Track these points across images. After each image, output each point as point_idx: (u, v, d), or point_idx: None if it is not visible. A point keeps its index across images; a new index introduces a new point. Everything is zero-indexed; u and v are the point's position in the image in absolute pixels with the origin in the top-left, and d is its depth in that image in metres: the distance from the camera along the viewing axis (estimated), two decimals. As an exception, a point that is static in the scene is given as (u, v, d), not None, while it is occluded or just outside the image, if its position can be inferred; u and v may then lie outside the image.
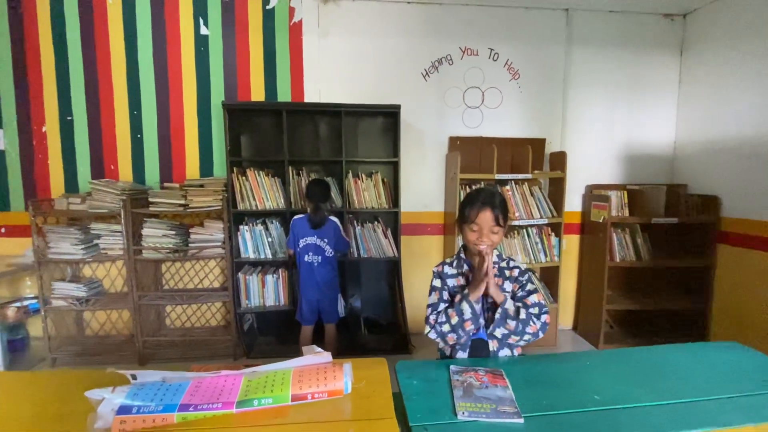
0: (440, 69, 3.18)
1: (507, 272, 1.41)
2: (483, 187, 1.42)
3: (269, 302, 2.93)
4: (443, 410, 1.00)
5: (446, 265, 1.44)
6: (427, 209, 3.30)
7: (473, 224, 1.32)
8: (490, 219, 1.30)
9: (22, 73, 2.91)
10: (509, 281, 1.39)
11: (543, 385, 1.12)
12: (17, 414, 0.96)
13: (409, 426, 0.94)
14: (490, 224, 1.30)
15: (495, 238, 1.32)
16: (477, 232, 1.32)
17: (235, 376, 1.03)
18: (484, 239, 1.31)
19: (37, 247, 2.72)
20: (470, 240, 1.34)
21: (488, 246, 1.32)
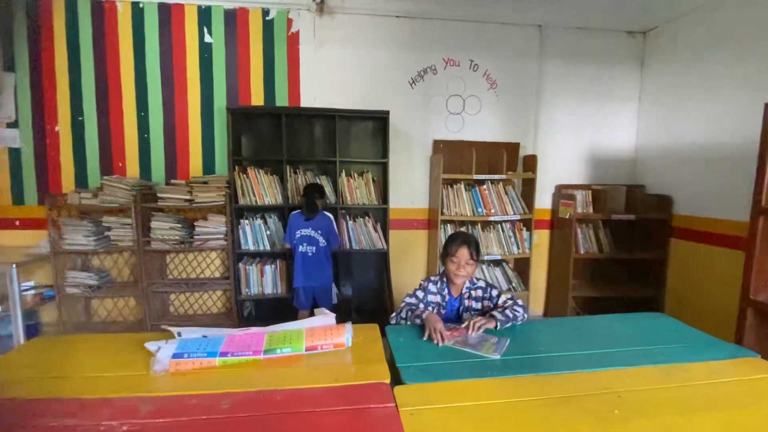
0: (425, 78, 3.48)
1: (473, 293, 1.79)
2: (461, 231, 1.83)
3: (267, 290, 3.19)
4: (425, 356, 1.31)
5: (431, 283, 1.81)
6: (414, 206, 3.60)
7: (453, 257, 1.70)
8: (466, 254, 1.69)
9: (37, 76, 3.10)
10: (475, 300, 1.79)
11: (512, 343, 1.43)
12: (92, 365, 1.22)
13: (396, 367, 1.24)
14: (466, 258, 1.69)
15: (469, 269, 1.72)
16: (456, 263, 1.70)
17: (259, 333, 1.32)
18: (461, 269, 1.70)
19: (52, 238, 2.94)
20: (451, 270, 1.73)
21: (464, 276, 1.72)
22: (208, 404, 1.00)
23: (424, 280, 1.83)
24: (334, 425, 0.93)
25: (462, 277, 1.72)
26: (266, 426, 0.93)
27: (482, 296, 1.79)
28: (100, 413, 0.95)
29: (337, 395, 1.05)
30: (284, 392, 1.06)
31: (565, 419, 0.96)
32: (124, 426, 0.91)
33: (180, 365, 1.17)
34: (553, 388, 1.10)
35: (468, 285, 1.79)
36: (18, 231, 3.18)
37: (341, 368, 1.20)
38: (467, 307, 1.78)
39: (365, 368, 1.20)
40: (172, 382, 1.11)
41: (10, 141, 3.14)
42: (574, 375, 1.18)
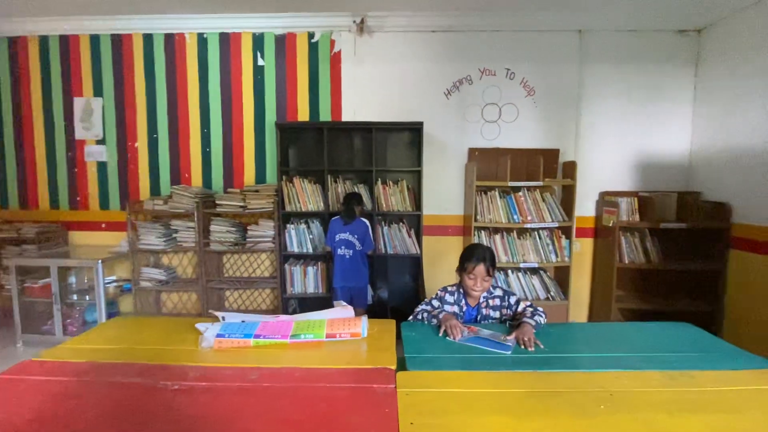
0: (461, 88, 3.58)
1: (490, 301, 1.85)
2: (477, 244, 1.88)
3: (310, 289, 3.45)
4: (431, 350, 1.42)
5: (448, 293, 1.89)
6: (448, 213, 3.69)
7: (471, 274, 1.77)
8: (483, 271, 1.75)
9: (120, 100, 3.66)
10: (492, 309, 1.84)
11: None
12: (154, 338, 1.50)
13: (404, 356, 1.37)
14: (483, 274, 1.76)
15: (486, 284, 1.79)
16: (473, 280, 1.78)
17: (288, 321, 1.52)
18: (477, 285, 1.77)
19: (130, 239, 3.43)
20: (468, 285, 1.80)
21: (481, 290, 1.78)
22: (241, 375, 1.20)
23: (441, 290, 1.90)
24: (340, 398, 1.09)
25: (478, 291, 1.79)
26: (283, 394, 1.10)
27: (500, 304, 1.83)
28: (158, 375, 1.19)
29: (347, 375, 1.21)
30: (303, 369, 1.24)
31: (548, 409, 1.03)
32: (176, 386, 1.14)
33: (222, 343, 1.39)
34: (546, 383, 1.16)
35: (485, 294, 1.84)
36: (103, 232, 3.75)
37: (354, 354, 1.36)
38: (485, 315, 1.84)
39: (375, 355, 1.34)
40: (215, 356, 1.34)
41: (99, 156, 3.72)
42: (571, 373, 1.23)
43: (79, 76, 3.67)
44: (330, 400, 1.08)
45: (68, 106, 3.69)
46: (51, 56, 3.67)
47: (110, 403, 1.05)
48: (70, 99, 3.69)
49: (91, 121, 3.68)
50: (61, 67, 3.67)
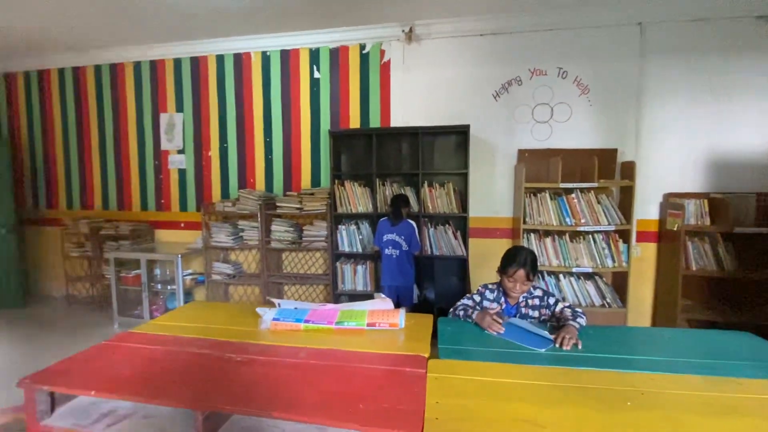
0: (510, 89, 3.56)
1: (530, 301, 1.87)
2: (519, 247, 1.90)
3: (359, 287, 3.63)
4: (464, 342, 1.50)
5: (488, 290, 1.95)
6: (497, 215, 3.67)
7: (511, 278, 1.82)
8: (523, 275, 1.79)
9: (197, 115, 4.15)
10: (532, 309, 1.86)
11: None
12: (222, 320, 1.74)
13: (438, 347, 1.46)
14: (523, 279, 1.80)
15: (525, 287, 1.83)
16: (513, 283, 1.82)
17: (334, 309, 1.68)
18: (517, 288, 1.81)
19: (204, 237, 3.87)
20: (508, 287, 1.85)
21: (520, 293, 1.83)
22: (292, 352, 1.38)
23: (482, 286, 1.96)
24: (375, 377, 1.21)
25: (517, 294, 1.83)
26: (326, 371, 1.26)
27: (539, 304, 1.85)
28: (225, 348, 1.41)
29: (383, 359, 1.33)
30: (345, 351, 1.39)
31: (572, 401, 1.06)
32: (239, 357, 1.34)
33: (277, 326, 1.59)
34: (574, 378, 1.19)
35: (525, 294, 1.86)
36: (182, 231, 4.26)
37: (391, 341, 1.48)
38: (524, 314, 1.87)
39: (410, 344, 1.45)
40: (271, 336, 1.54)
41: (179, 164, 4.24)
42: (602, 371, 1.24)
43: (164, 94, 4.23)
44: (366, 378, 1.21)
45: (155, 121, 4.27)
46: (143, 79, 4.27)
47: (188, 367, 1.28)
48: (156, 115, 4.26)
49: (174, 133, 4.22)
50: (150, 88, 4.26)
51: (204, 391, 1.13)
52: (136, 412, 1.23)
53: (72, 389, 1.15)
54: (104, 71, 4.37)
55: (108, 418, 1.19)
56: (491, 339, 1.53)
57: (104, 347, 1.44)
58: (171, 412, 1.22)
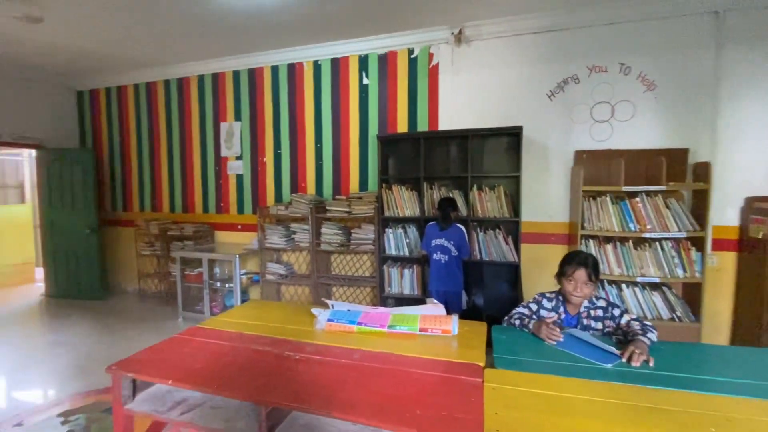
0: (566, 88, 3.40)
1: (592, 312, 1.76)
2: (579, 250, 1.80)
3: (406, 291, 3.63)
4: (521, 352, 1.45)
5: (545, 299, 1.85)
6: (551, 219, 3.51)
7: (570, 278, 1.72)
8: (584, 275, 1.69)
9: (254, 123, 4.39)
10: (594, 320, 1.74)
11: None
12: (279, 318, 1.82)
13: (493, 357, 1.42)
14: (584, 279, 1.69)
15: (587, 290, 1.71)
16: (573, 284, 1.72)
17: (386, 313, 1.70)
18: (578, 290, 1.71)
19: (259, 238, 4.06)
20: (568, 290, 1.75)
21: (581, 296, 1.71)
22: (346, 353, 1.41)
23: (539, 294, 1.87)
24: (429, 383, 1.21)
25: (579, 297, 1.72)
26: (380, 373, 1.27)
27: (603, 316, 1.74)
28: (283, 346, 1.47)
29: (437, 365, 1.32)
30: (398, 356, 1.39)
31: (646, 423, 0.98)
32: (297, 356, 1.39)
33: (332, 326, 1.63)
34: (648, 398, 1.10)
35: (587, 304, 1.76)
36: (239, 232, 4.51)
37: (445, 348, 1.46)
38: (585, 326, 1.76)
39: (464, 351, 1.42)
40: (325, 336, 1.58)
41: (237, 169, 4.50)
42: (681, 392, 1.14)
43: (224, 105, 4.52)
44: (420, 383, 1.21)
45: (216, 129, 4.57)
46: (205, 90, 4.60)
47: (251, 363, 1.35)
48: (217, 124, 4.56)
49: (232, 141, 4.49)
50: (212, 99, 4.57)
51: (266, 387, 1.19)
52: (205, 402, 1.31)
53: (152, 378, 1.26)
54: (172, 85, 4.76)
55: (181, 407, 1.29)
56: (550, 350, 1.46)
57: (177, 340, 1.56)
58: (236, 405, 1.29)
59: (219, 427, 1.21)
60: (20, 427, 2.26)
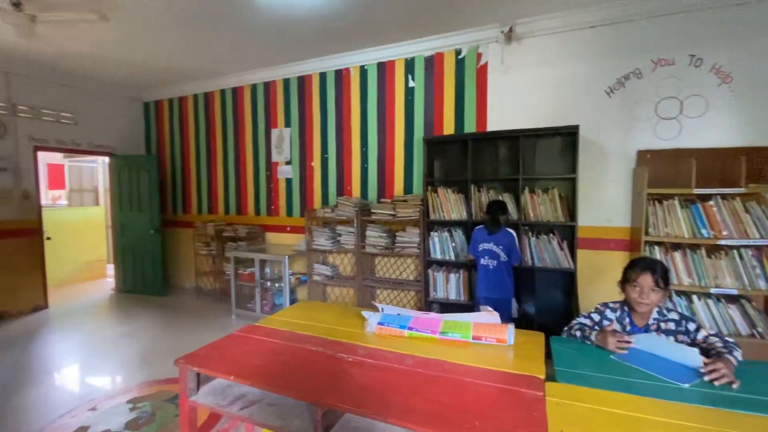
0: (627, 84, 3.18)
1: (662, 324, 1.61)
2: (645, 256, 1.66)
3: (452, 296, 3.56)
4: (584, 365, 1.36)
5: (609, 309, 1.71)
6: (611, 224, 3.29)
7: (635, 283, 1.58)
8: (650, 281, 1.55)
9: (302, 129, 4.52)
10: (665, 334, 1.59)
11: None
12: (330, 320, 1.84)
13: (554, 369, 1.35)
14: (650, 284, 1.55)
15: (654, 297, 1.56)
16: (638, 290, 1.57)
17: (437, 318, 1.66)
18: (644, 297, 1.56)
19: (307, 240, 4.17)
20: (632, 297, 1.60)
21: (648, 304, 1.56)
22: (399, 358, 1.39)
23: (602, 304, 1.75)
24: (486, 394, 1.16)
25: (645, 305, 1.57)
26: (434, 380, 1.24)
27: (675, 329, 1.58)
28: (335, 348, 1.48)
29: (493, 375, 1.27)
30: (452, 363, 1.35)
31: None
32: (350, 358, 1.40)
33: (382, 330, 1.63)
34: (731, 424, 0.98)
35: (656, 315, 1.61)
36: (288, 234, 4.66)
37: (500, 358, 1.40)
38: None
39: (522, 362, 1.36)
40: (376, 340, 1.57)
41: (287, 174, 4.66)
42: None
43: (275, 111, 4.70)
44: (477, 394, 1.16)
45: (268, 136, 4.77)
46: (258, 98, 4.81)
47: (305, 363, 1.38)
48: (269, 130, 4.76)
49: (282, 146, 4.66)
50: (264, 106, 4.77)
51: (321, 388, 1.20)
52: (262, 399, 1.35)
53: (215, 373, 1.32)
54: (227, 94, 5.03)
55: (240, 402, 1.34)
56: (617, 365, 1.36)
57: (235, 337, 1.62)
58: (291, 403, 1.32)
59: (275, 424, 1.24)
60: (94, 411, 2.47)
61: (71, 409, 2.49)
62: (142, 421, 2.34)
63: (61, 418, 2.39)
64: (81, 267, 6.09)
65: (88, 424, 2.32)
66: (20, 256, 4.43)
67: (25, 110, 4.48)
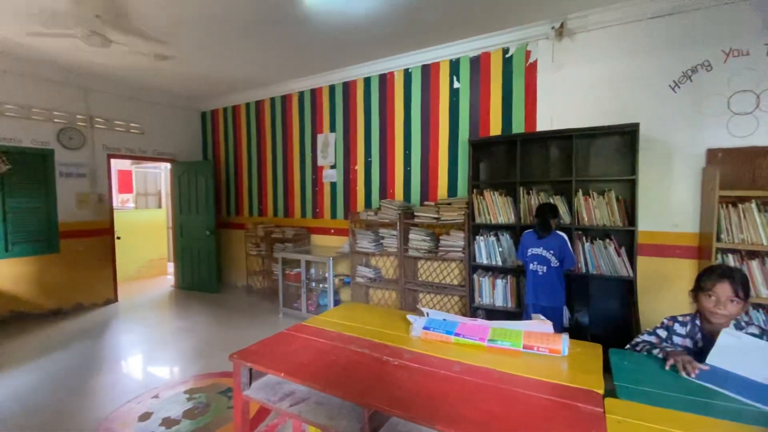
0: (694, 78, 2.92)
1: None
2: (722, 264, 1.48)
3: (498, 302, 3.44)
4: (649, 382, 1.25)
5: (678, 324, 1.55)
6: (677, 229, 3.04)
7: (710, 292, 1.42)
8: (728, 290, 1.39)
9: (346, 133, 4.61)
10: None
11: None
12: (375, 322, 1.85)
13: (614, 384, 1.26)
14: (728, 294, 1.39)
15: (733, 308, 1.39)
16: (714, 300, 1.41)
17: (485, 326, 1.61)
18: (720, 307, 1.40)
19: (350, 242, 4.24)
20: (706, 307, 1.44)
21: (725, 316, 1.40)
22: (445, 365, 1.37)
23: (669, 318, 1.60)
24: (540, 406, 1.10)
25: (721, 316, 1.42)
26: (483, 389, 1.20)
27: None
28: (381, 350, 1.49)
29: (547, 387, 1.20)
30: (501, 372, 1.30)
31: None
32: (396, 362, 1.39)
33: (428, 335, 1.61)
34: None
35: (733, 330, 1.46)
36: (332, 236, 4.77)
37: (554, 369, 1.33)
38: None
39: (578, 375, 1.28)
40: (422, 344, 1.56)
41: (331, 177, 4.77)
42: None
43: (321, 117, 4.84)
44: (529, 405, 1.11)
45: (314, 140, 4.91)
46: (305, 105, 4.98)
47: (352, 364, 1.39)
48: (314, 135, 4.90)
49: (327, 151, 4.78)
50: (310, 112, 4.93)
51: (368, 389, 1.20)
52: (310, 397, 1.39)
53: (267, 369, 1.37)
54: (276, 102, 5.25)
55: (289, 399, 1.38)
56: (690, 384, 1.24)
57: (285, 335, 1.68)
58: (338, 403, 1.33)
59: (323, 423, 1.26)
60: (157, 399, 2.66)
61: (137, 395, 2.70)
62: (198, 411, 2.49)
63: (128, 403, 2.60)
64: (145, 264, 6.61)
65: (152, 411, 2.50)
66: (95, 253, 4.90)
67: (101, 122, 4.95)
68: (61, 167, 4.59)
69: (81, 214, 4.76)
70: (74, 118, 4.69)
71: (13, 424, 2.37)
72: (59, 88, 4.55)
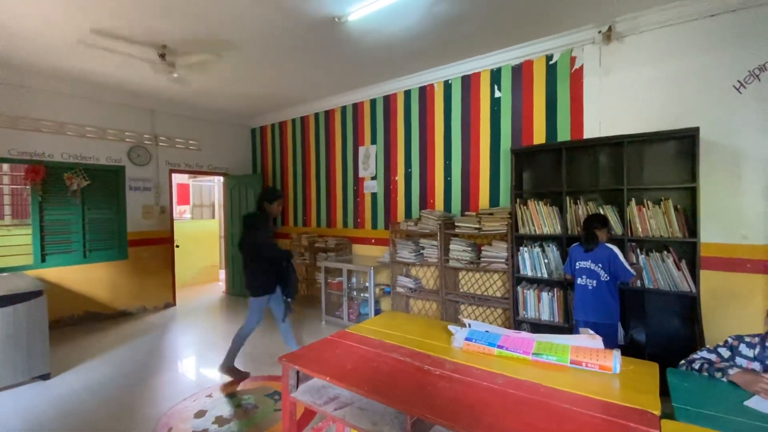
0: (762, 77, 2.69)
1: None
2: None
3: (544, 317, 3.31)
4: (710, 405, 1.17)
5: (744, 344, 1.43)
6: (746, 242, 2.78)
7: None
8: None
9: (387, 145, 4.70)
10: None
11: None
12: (416, 332, 1.86)
13: (672, 406, 1.18)
14: None
15: None
16: None
17: (530, 338, 1.57)
18: None
19: (391, 252, 4.28)
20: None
21: None
22: (488, 377, 1.35)
23: (735, 337, 1.48)
24: (590, 424, 1.06)
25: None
26: (527, 403, 1.17)
27: None
28: (422, 360, 1.50)
29: (598, 406, 1.16)
30: (546, 387, 1.27)
31: None
32: (437, 371, 1.40)
33: (470, 346, 1.59)
34: None
35: None
36: (373, 246, 4.83)
37: (605, 387, 1.27)
38: None
39: (632, 395, 1.21)
40: (464, 355, 1.55)
41: (372, 188, 4.86)
42: None
43: (362, 130, 4.97)
44: (577, 423, 1.07)
45: (355, 153, 5.05)
46: (347, 119, 5.14)
47: (394, 371, 1.41)
48: (356, 148, 5.04)
49: (368, 163, 4.89)
50: (352, 126, 5.08)
51: (410, 397, 1.22)
52: (354, 402, 1.42)
53: (314, 373, 1.43)
54: (320, 117, 5.47)
55: (334, 402, 1.42)
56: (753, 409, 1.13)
57: (329, 341, 1.74)
58: (381, 409, 1.36)
59: (367, 428, 1.29)
60: (210, 398, 2.82)
61: (193, 393, 2.89)
62: (247, 412, 2.61)
63: (185, 400, 2.78)
64: (200, 271, 7.06)
65: (206, 409, 2.66)
66: (158, 260, 5.32)
67: (164, 140, 5.42)
68: (131, 182, 5.06)
69: (146, 224, 5.21)
70: (142, 137, 5.17)
71: (86, 415, 2.62)
72: (130, 111, 5.06)
